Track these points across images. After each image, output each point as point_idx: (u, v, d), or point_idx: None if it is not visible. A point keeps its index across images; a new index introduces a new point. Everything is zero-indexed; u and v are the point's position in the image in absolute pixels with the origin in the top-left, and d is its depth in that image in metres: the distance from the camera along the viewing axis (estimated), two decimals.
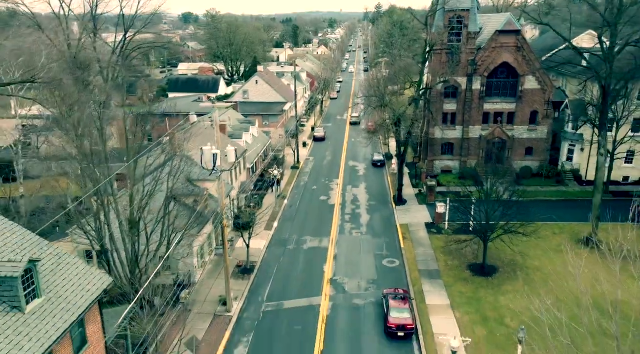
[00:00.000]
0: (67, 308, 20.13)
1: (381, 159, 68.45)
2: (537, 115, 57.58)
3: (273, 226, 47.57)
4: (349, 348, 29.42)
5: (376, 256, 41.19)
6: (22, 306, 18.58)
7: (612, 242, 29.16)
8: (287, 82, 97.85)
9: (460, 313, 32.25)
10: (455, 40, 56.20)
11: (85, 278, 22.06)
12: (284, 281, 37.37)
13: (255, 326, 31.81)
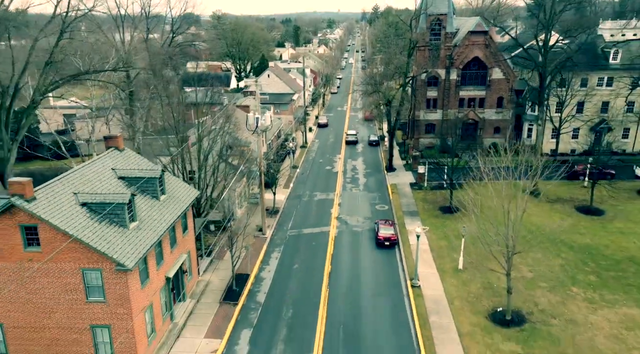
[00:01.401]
0: (179, 202, 32.86)
1: (376, 139, 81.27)
2: (502, 100, 70.34)
3: (290, 186, 60.30)
4: (350, 252, 42.14)
5: (370, 203, 53.96)
6: (158, 197, 31.25)
7: (544, 190, 43.09)
8: (294, 76, 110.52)
9: (430, 234, 44.91)
10: (435, 39, 68.93)
11: (185, 188, 34.86)
12: (302, 218, 50.09)
13: (283, 242, 44.49)
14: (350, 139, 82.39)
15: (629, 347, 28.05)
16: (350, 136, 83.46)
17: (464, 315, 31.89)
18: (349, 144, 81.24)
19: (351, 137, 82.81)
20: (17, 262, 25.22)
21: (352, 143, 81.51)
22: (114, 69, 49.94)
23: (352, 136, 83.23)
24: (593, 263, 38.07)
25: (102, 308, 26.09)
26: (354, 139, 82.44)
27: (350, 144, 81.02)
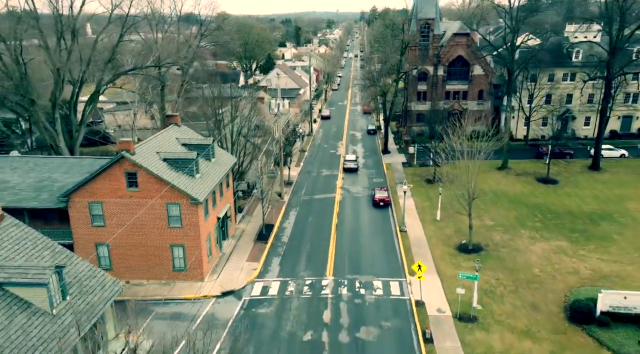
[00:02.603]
0: (224, 164, 43.77)
1: (374, 128, 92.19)
2: (483, 93, 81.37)
3: (300, 165, 71.24)
4: (352, 211, 53.05)
5: (368, 177, 64.89)
6: (210, 159, 42.08)
7: (514, 165, 54.27)
8: (299, 74, 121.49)
9: (415, 198, 55.82)
10: (424, 40, 79.90)
11: (227, 156, 45.82)
12: (312, 188, 61.03)
13: (298, 204, 55.39)
14: (350, 166, 67.21)
15: (552, 262, 39.03)
16: (350, 162, 67.93)
17: (438, 247, 42.87)
18: (348, 171, 66.96)
19: (350, 164, 67.53)
20: (122, 198, 36.09)
21: (351, 171, 66.92)
22: (158, 65, 60.70)
23: (352, 162, 67.80)
24: (541, 215, 49.05)
25: (179, 232, 36.96)
26: (354, 166, 67.36)
27: (350, 172, 66.93)
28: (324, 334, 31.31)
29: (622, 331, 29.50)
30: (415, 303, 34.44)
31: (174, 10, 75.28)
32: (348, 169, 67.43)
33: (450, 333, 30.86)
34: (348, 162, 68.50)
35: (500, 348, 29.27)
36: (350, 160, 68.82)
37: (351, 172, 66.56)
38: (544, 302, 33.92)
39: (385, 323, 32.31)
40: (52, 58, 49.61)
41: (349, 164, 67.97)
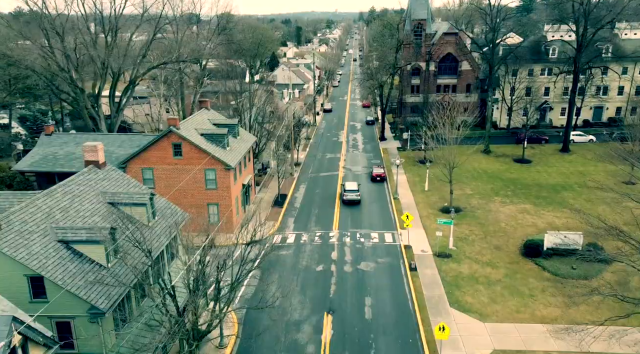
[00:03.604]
0: (246, 141, 52.61)
1: (372, 119, 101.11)
2: (470, 86, 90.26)
3: (306, 150, 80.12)
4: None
5: (367, 159, 73.77)
6: (235, 136, 50.91)
7: (495, 149, 63.13)
8: (302, 70, 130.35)
9: (408, 174, 64.69)
10: (417, 39, 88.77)
11: (249, 135, 54.70)
12: (318, 167, 69.89)
13: (307, 180, 64.24)
14: (351, 198, 53.93)
15: (516, 219, 47.98)
16: (351, 193, 54.28)
17: (425, 209, 51.77)
18: (349, 204, 54.09)
19: (352, 195, 54.12)
20: (169, 165, 44.85)
21: (352, 204, 54.05)
22: (183, 61, 69.51)
23: (354, 193, 54.25)
24: (513, 186, 57.98)
25: (214, 193, 45.76)
26: (356, 198, 54.11)
27: (350, 205, 54.08)
28: (332, 267, 40.20)
29: (561, 261, 38.41)
30: (404, 246, 43.32)
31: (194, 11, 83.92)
32: (349, 201, 53.66)
33: (430, 265, 39.76)
34: (349, 192, 54.11)
35: (467, 273, 38.18)
36: (351, 190, 54.38)
37: (352, 205, 53.65)
38: (506, 245, 42.83)
39: (380, 260, 41.19)
40: (99, 53, 58.37)
41: (350, 194, 53.85)
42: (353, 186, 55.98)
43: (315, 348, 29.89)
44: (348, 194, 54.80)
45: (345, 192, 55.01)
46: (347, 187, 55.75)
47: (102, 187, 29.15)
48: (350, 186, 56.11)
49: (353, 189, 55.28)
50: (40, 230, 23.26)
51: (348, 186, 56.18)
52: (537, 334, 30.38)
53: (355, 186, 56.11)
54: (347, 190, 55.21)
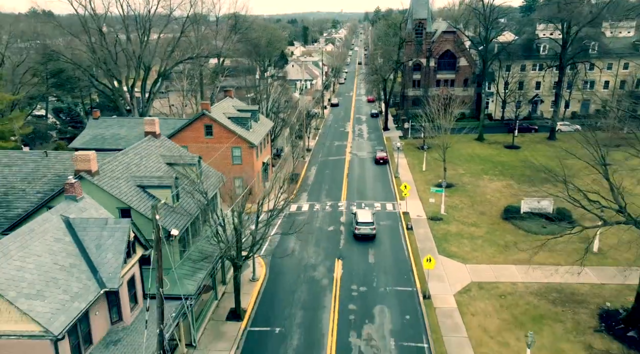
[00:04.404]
0: (265, 125, 60.10)
1: (376, 112, 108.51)
2: (467, 81, 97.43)
3: (316, 138, 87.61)
4: (359, 167, 69.30)
5: (372, 146, 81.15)
6: (256, 120, 58.40)
7: (489, 137, 70.61)
8: (310, 67, 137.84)
9: (408, 158, 72.00)
10: (418, 36, 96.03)
11: (267, 120, 62.15)
12: (327, 153, 77.36)
13: (317, 162, 71.72)
14: (364, 231, 43.52)
15: (501, 192, 55.24)
16: (364, 226, 43.55)
17: (421, 185, 59.09)
18: (362, 239, 43.81)
19: (365, 228, 43.56)
20: (201, 144, 52.40)
21: (366, 239, 43.79)
22: (207, 56, 77.11)
23: (367, 226, 43.59)
24: (501, 167, 65.22)
25: (239, 168, 53.23)
26: (371, 232, 43.63)
27: (364, 240, 43.82)
28: (341, 227, 47.64)
29: (534, 221, 45.66)
30: (402, 213, 50.69)
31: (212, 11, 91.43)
32: (362, 235, 43.24)
33: (424, 226, 47.12)
34: (362, 225, 43.30)
35: (455, 231, 45.52)
36: (365, 222, 43.42)
37: (366, 241, 43.29)
38: (489, 211, 50.13)
39: (382, 222, 48.56)
40: (134, 49, 66.07)
41: (363, 228, 43.27)
42: (366, 217, 43.93)
43: (328, 282, 37.33)
44: (361, 227, 42.92)
45: (358, 225, 42.99)
46: (359, 218, 43.56)
47: (160, 152, 36.74)
48: (364, 216, 44.08)
49: (367, 222, 43.27)
50: (124, 177, 30.81)
51: (361, 215, 44.01)
52: (507, 272, 37.71)
53: (370, 217, 43.95)
54: (360, 222, 43.18)
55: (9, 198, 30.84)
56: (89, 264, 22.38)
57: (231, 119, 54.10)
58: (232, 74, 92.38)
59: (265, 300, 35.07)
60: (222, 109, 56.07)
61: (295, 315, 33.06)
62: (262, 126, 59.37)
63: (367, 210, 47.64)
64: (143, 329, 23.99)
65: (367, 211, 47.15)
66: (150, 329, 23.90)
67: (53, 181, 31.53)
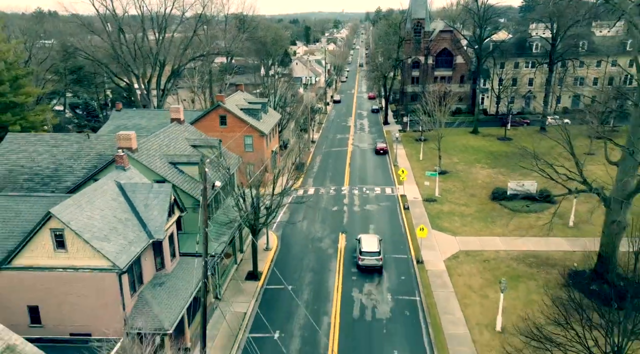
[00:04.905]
0: (274, 117, 65.03)
1: (377, 108, 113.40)
2: (463, 78, 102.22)
3: (320, 132, 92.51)
4: (360, 156, 74.17)
5: (372, 138, 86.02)
6: (265, 112, 63.32)
7: (483, 131, 75.63)
8: (313, 65, 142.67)
9: (406, 149, 76.86)
10: (417, 35, 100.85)
11: (275, 112, 67.08)
12: (330, 144, 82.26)
13: (321, 153, 76.62)
14: (369, 263, 37.67)
15: (491, 178, 60.13)
16: (369, 256, 37.60)
17: (418, 172, 63.93)
18: (366, 271, 38.03)
19: (370, 259, 37.61)
20: (216, 132, 57.26)
21: (372, 271, 38.02)
22: (217, 54, 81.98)
23: (373, 257, 37.62)
24: (492, 157, 70.05)
25: (251, 154, 58.06)
26: (377, 263, 37.64)
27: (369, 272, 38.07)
28: (344, 207, 52.54)
29: (518, 202, 50.45)
30: (400, 195, 55.57)
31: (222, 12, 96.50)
32: (366, 267, 37.72)
33: (419, 206, 51.99)
34: (366, 256, 37.58)
35: (447, 210, 50.39)
36: (370, 252, 37.64)
37: (371, 273, 37.74)
38: (480, 194, 54.98)
39: (381, 203, 53.46)
40: (151, 46, 70.98)
41: (368, 258, 37.58)
42: (372, 245, 38.03)
43: (333, 251, 42.21)
44: (365, 257, 37.27)
45: (362, 255, 37.36)
46: (363, 247, 37.87)
47: (185, 136, 41.66)
48: (369, 243, 38.21)
49: (372, 251, 37.42)
50: (157, 155, 35.72)
51: (365, 243, 38.27)
52: (492, 242, 42.58)
53: (376, 245, 37.97)
54: (365, 252, 37.47)
55: (59, 173, 35.78)
56: (139, 220, 27.29)
57: (243, 110, 58.96)
58: (240, 71, 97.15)
59: (278, 265, 39.96)
60: (235, 101, 60.95)
61: (305, 276, 37.96)
62: (271, 117, 64.26)
63: (373, 236, 40.07)
64: (182, 276, 28.93)
65: (373, 236, 39.79)
66: (185, 280, 28.85)
67: (96, 159, 36.46)
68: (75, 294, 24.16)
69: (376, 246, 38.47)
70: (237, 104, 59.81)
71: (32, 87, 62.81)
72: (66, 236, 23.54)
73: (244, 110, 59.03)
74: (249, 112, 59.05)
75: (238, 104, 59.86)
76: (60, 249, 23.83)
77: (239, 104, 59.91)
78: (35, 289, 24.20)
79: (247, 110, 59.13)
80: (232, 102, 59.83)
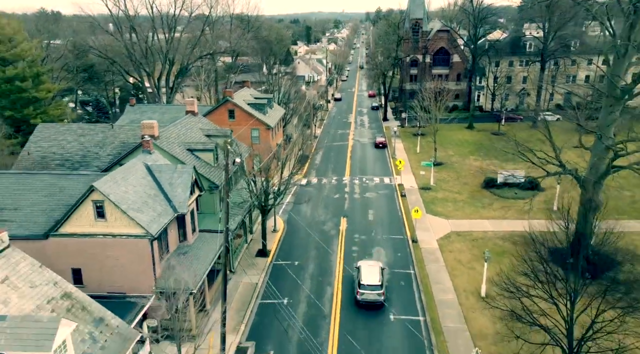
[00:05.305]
0: (279, 112, 68.75)
1: (377, 105, 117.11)
2: (460, 76, 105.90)
3: (321, 127, 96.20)
4: (360, 150, 77.88)
5: (372, 133, 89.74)
6: (271, 107, 67.02)
7: (478, 126, 79.30)
8: (315, 64, 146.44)
9: (404, 143, 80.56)
10: (415, 35, 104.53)
11: (279, 107, 70.79)
12: (332, 139, 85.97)
13: (323, 147, 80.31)
14: (369, 297, 32.96)
15: (484, 168, 63.76)
16: (369, 290, 32.97)
17: (415, 163, 67.61)
18: (366, 308, 33.27)
19: (370, 294, 32.94)
20: (224, 126, 60.94)
21: (372, 307, 33.20)
22: (222, 53, 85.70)
23: (374, 291, 32.96)
24: (486, 150, 73.72)
25: (258, 146, 61.62)
26: (378, 298, 32.94)
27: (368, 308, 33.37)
28: (345, 195, 56.26)
29: (507, 190, 54.15)
30: (397, 184, 59.27)
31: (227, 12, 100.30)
32: (367, 302, 33.15)
33: (415, 194, 55.69)
34: (367, 289, 33.07)
35: (441, 197, 54.10)
36: (371, 285, 33.15)
37: (371, 309, 33.05)
38: (472, 182, 58.69)
39: (380, 192, 57.16)
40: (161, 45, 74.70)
41: (368, 293, 33.09)
42: (373, 277, 33.39)
43: (336, 232, 45.92)
44: (365, 291, 32.81)
45: (360, 289, 32.92)
46: (363, 279, 33.19)
47: (199, 126, 45.38)
48: (369, 275, 33.55)
49: (373, 285, 32.96)
50: (176, 142, 39.42)
51: (365, 274, 33.60)
52: (481, 224, 46.29)
53: (377, 276, 33.36)
54: (365, 285, 32.95)
55: (86, 159, 39.51)
56: (165, 196, 30.99)
57: (250, 105, 62.66)
58: (245, 69, 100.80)
59: (285, 244, 43.68)
60: (242, 96, 64.65)
61: (310, 253, 41.69)
62: (276, 111, 67.95)
63: (375, 264, 35.04)
64: (201, 247, 32.64)
65: (374, 265, 34.71)
66: (204, 250, 32.56)
67: (119, 146, 40.19)
68: (112, 258, 27.84)
69: (377, 277, 33.06)
70: (244, 99, 63.50)
71: (50, 83, 66.51)
72: (106, 207, 27.23)
73: (250, 105, 62.71)
74: (256, 106, 62.73)
75: (245, 99, 63.55)
76: (100, 218, 27.52)
77: (246, 99, 63.59)
78: (78, 253, 27.88)
79: (253, 105, 62.81)
80: (239, 97, 63.52)
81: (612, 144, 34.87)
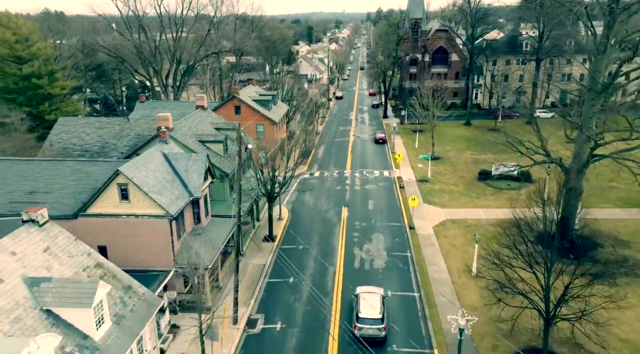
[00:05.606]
0: (283, 108, 71.50)
1: (377, 103, 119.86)
2: (458, 74, 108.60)
3: (323, 124, 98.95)
4: (361, 145, 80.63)
5: (372, 130, 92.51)
6: (275, 103, 69.79)
7: (476, 123, 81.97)
8: (317, 63, 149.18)
9: (403, 139, 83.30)
10: (415, 34, 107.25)
11: (283, 104, 73.58)
12: (333, 135, 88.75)
13: (325, 143, 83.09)
14: (369, 332, 29.05)
15: (479, 162, 66.49)
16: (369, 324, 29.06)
17: (413, 157, 70.38)
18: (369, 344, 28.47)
19: (370, 329, 29.01)
20: (231, 121, 63.70)
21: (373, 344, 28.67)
22: (228, 51, 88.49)
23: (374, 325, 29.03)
24: (482, 145, 76.43)
25: (263, 140, 64.41)
26: (379, 334, 28.94)
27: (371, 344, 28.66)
28: (346, 187, 59.04)
29: (501, 182, 56.89)
30: (396, 177, 62.03)
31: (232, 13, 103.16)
32: (367, 338, 28.71)
33: (413, 185, 58.46)
34: (365, 322, 29.31)
35: (438, 188, 56.87)
36: (370, 319, 29.32)
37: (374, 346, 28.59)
38: (468, 175, 61.43)
39: (379, 184, 59.93)
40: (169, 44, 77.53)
41: (368, 327, 29.18)
42: (373, 308, 29.73)
43: (337, 220, 48.71)
44: (365, 325, 29.21)
45: (359, 323, 29.33)
46: (361, 311, 29.70)
47: (209, 120, 48.18)
48: (369, 306, 29.88)
49: (373, 318, 29.30)
50: (189, 134, 42.23)
51: (364, 303, 30.09)
52: (475, 213, 49.04)
53: (378, 309, 29.66)
54: (363, 318, 29.39)
55: (105, 150, 42.33)
56: (181, 182, 33.78)
57: (255, 101, 65.47)
58: (249, 68, 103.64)
59: (290, 230, 46.49)
60: (247, 93, 67.46)
61: (314, 238, 44.49)
62: (280, 108, 70.76)
63: (375, 291, 31.46)
64: (214, 230, 35.44)
65: (375, 293, 31.09)
66: (217, 233, 35.36)
67: (135, 138, 43.01)
68: (135, 236, 30.62)
69: (378, 309, 29.28)
70: (250, 96, 66.31)
71: (63, 81, 69.38)
72: (129, 189, 30.03)
73: (256, 101, 65.52)
74: (261, 103, 65.53)
75: (251, 96, 66.37)
76: (124, 200, 30.31)
77: (251, 96, 66.41)
78: (104, 232, 30.67)
79: (259, 101, 65.62)
80: (245, 94, 66.32)
81: (592, 135, 37.59)
